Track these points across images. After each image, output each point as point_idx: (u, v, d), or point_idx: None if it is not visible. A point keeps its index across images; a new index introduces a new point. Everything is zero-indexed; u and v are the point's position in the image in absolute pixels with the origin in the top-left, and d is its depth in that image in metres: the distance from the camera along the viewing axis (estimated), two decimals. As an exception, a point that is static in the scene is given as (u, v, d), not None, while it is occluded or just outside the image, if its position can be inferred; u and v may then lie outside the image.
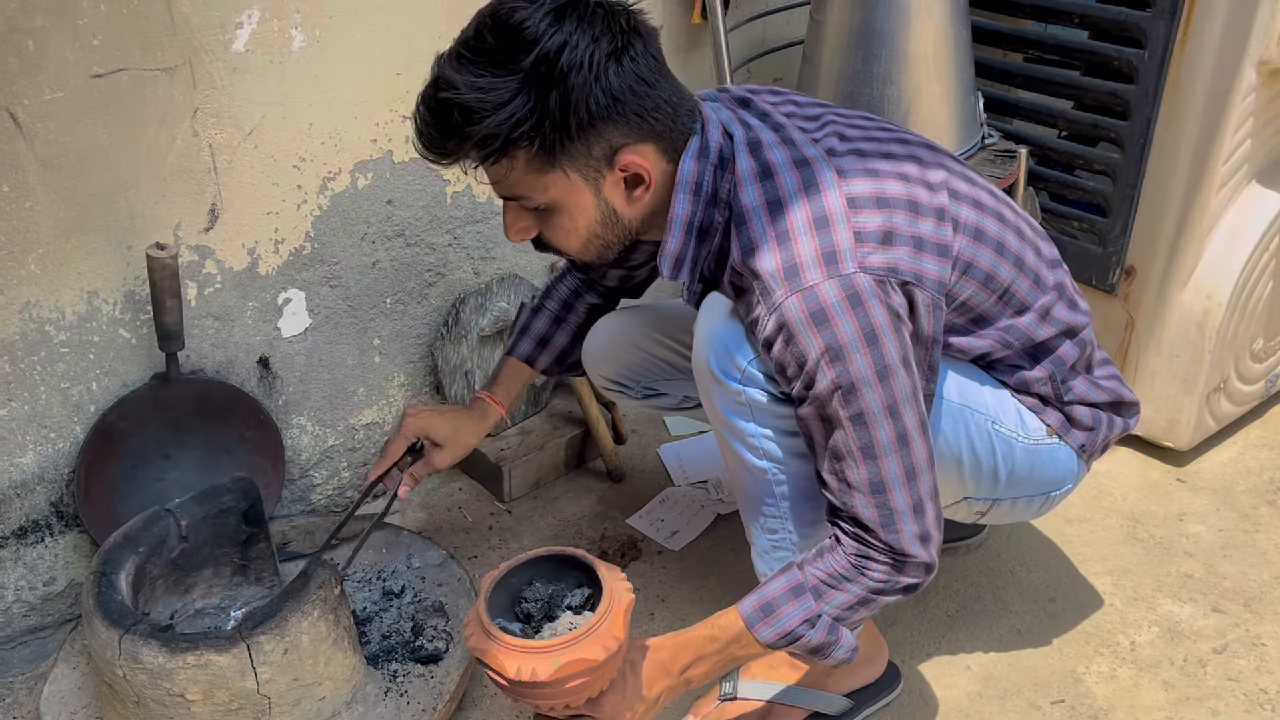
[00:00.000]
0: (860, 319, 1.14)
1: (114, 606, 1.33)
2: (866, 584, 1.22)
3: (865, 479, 1.19)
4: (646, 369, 1.65)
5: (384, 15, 1.64)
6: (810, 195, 1.19)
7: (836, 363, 1.15)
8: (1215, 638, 1.66)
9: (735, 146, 1.23)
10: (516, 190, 1.19)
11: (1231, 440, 2.12)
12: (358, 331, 1.81)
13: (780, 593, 1.23)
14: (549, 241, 1.26)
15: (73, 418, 1.56)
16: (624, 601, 1.20)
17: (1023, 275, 1.31)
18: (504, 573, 1.26)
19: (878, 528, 1.21)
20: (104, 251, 1.51)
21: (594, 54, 1.10)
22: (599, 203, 1.20)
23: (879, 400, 1.16)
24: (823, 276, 1.15)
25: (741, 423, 1.30)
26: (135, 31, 1.43)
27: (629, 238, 1.27)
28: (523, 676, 1.15)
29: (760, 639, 1.23)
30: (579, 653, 1.15)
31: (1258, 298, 1.94)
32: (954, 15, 1.74)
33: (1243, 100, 1.75)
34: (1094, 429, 1.42)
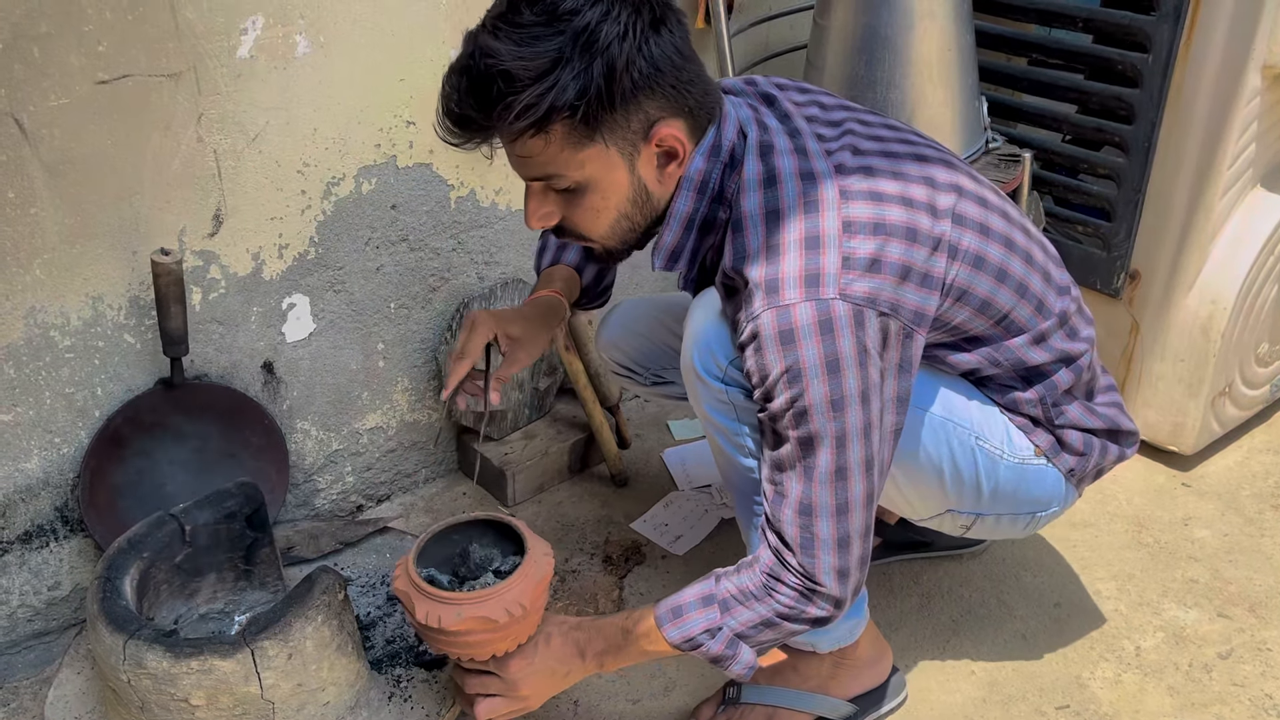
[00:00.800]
0: (826, 346, 1.14)
1: (118, 611, 1.33)
2: (773, 606, 1.24)
3: (798, 497, 1.20)
4: (655, 355, 1.66)
5: (388, 21, 1.64)
6: (808, 213, 1.19)
7: (794, 385, 1.16)
8: (1220, 643, 1.65)
9: (747, 148, 1.24)
10: (549, 168, 1.17)
11: (1237, 444, 2.12)
12: (362, 336, 1.82)
13: (692, 599, 1.27)
14: (573, 226, 1.24)
15: (77, 423, 1.56)
16: (541, 574, 1.29)
17: (1024, 302, 1.30)
18: (444, 527, 1.37)
19: (797, 548, 1.22)
20: (109, 257, 1.51)
21: (636, 23, 1.11)
22: (632, 180, 1.20)
23: (829, 429, 1.17)
24: (800, 298, 1.15)
25: (726, 421, 1.31)
26: (140, 37, 1.43)
27: (653, 219, 1.26)
28: (429, 622, 1.26)
29: (667, 638, 1.26)
30: (481, 610, 1.25)
31: (1263, 302, 1.94)
32: (957, 20, 1.74)
33: (1247, 104, 1.75)
34: (1085, 454, 1.41)
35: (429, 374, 1.93)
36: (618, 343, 1.68)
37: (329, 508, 1.89)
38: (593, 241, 1.27)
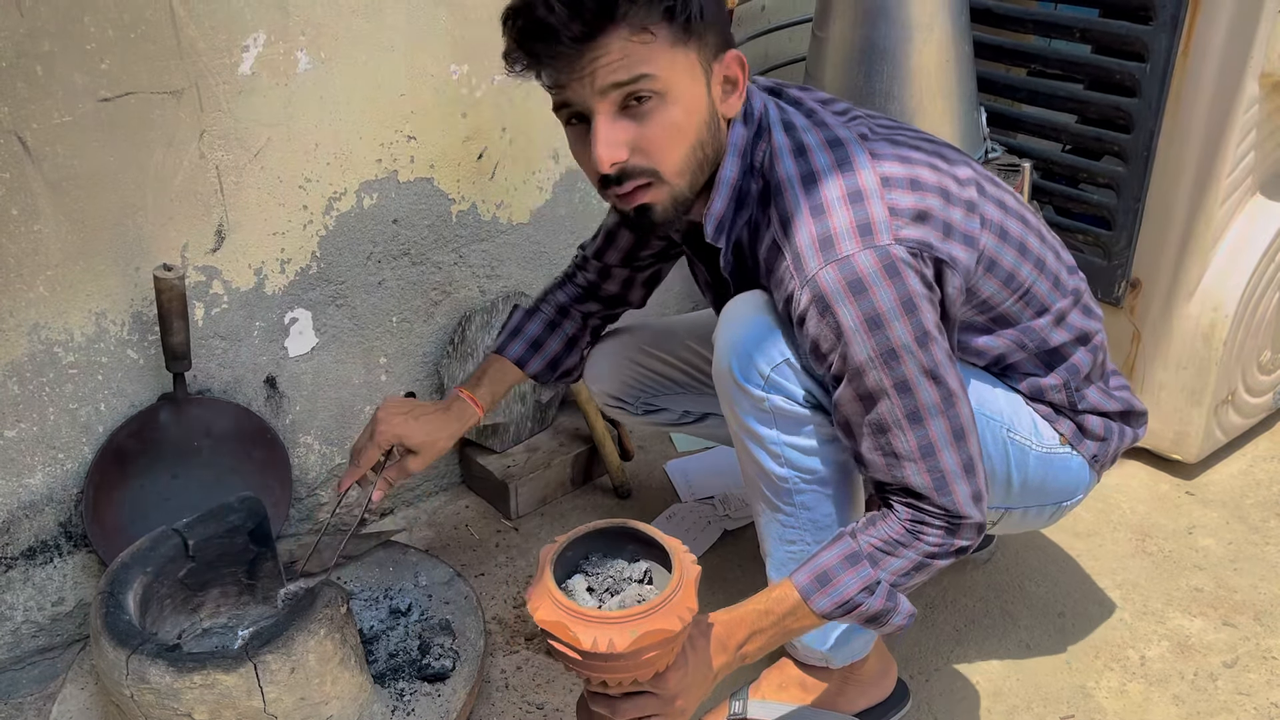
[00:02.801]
0: (898, 288, 1.15)
1: (121, 626, 1.33)
2: (922, 549, 1.22)
3: (914, 445, 1.19)
4: (645, 384, 1.65)
5: (388, 37, 1.65)
6: (844, 171, 1.20)
7: (876, 331, 1.16)
8: (1226, 652, 1.65)
9: (771, 121, 1.25)
10: (645, 67, 1.12)
11: (1241, 452, 2.11)
12: (364, 350, 1.82)
13: (835, 561, 1.22)
14: (647, 157, 1.17)
15: (81, 438, 1.57)
16: (693, 573, 1.17)
17: (1043, 277, 1.32)
18: (562, 547, 1.21)
19: (931, 493, 1.20)
20: (112, 273, 1.52)
21: None
22: (707, 100, 1.19)
23: (920, 365, 1.17)
24: (858, 247, 1.15)
25: (764, 429, 1.29)
26: (142, 55, 1.44)
27: (716, 159, 1.24)
28: (599, 648, 1.11)
29: (816, 609, 1.22)
30: (656, 623, 1.11)
31: (1264, 309, 1.94)
32: (955, 31, 1.74)
33: (1245, 113, 1.75)
34: (1106, 439, 1.43)
35: (431, 387, 1.93)
36: (604, 374, 1.67)
37: (333, 522, 1.89)
38: (662, 180, 1.19)
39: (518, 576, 1.82)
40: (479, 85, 1.78)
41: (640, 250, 1.55)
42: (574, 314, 1.62)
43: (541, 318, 1.60)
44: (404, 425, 1.49)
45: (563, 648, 1.14)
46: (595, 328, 1.65)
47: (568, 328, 1.61)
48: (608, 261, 1.57)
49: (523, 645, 1.68)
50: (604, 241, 1.57)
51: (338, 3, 1.58)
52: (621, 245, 1.56)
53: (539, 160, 1.92)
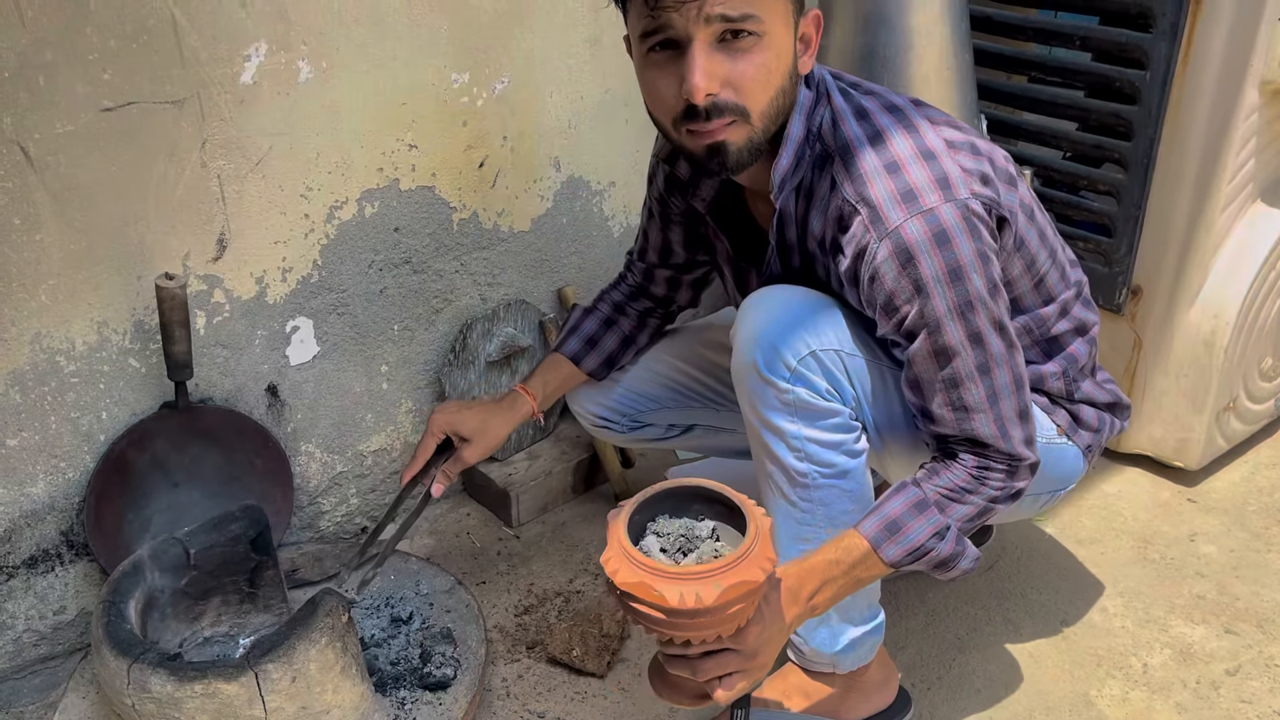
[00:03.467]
0: (976, 240, 1.20)
1: (122, 635, 1.33)
2: (987, 493, 1.27)
3: (983, 396, 1.24)
4: (629, 401, 1.66)
5: (390, 46, 1.66)
6: (910, 133, 1.24)
7: (956, 283, 1.19)
8: (1228, 659, 1.65)
9: (829, 87, 1.28)
10: (753, 6, 1.13)
11: (1243, 459, 2.11)
12: (365, 358, 1.82)
13: (904, 510, 1.25)
14: (739, 93, 1.18)
15: (83, 447, 1.57)
16: (766, 524, 1.14)
17: (1054, 267, 1.37)
18: (631, 510, 1.17)
19: (997, 440, 1.25)
20: (114, 282, 1.52)
21: None
22: (792, 51, 1.21)
23: (991, 316, 1.22)
24: (940, 200, 1.19)
25: (786, 423, 1.30)
26: (145, 65, 1.45)
27: (788, 111, 1.24)
28: (686, 604, 1.08)
29: (886, 558, 1.25)
30: (742, 574, 1.08)
31: (1265, 316, 1.94)
32: (955, 39, 1.75)
33: (1245, 120, 1.75)
34: (1099, 430, 1.47)
35: (432, 395, 1.94)
36: (588, 395, 1.67)
37: (333, 530, 1.90)
38: (745, 117, 1.19)
39: (519, 584, 1.82)
40: (480, 94, 1.79)
41: (669, 243, 1.57)
42: (630, 312, 1.64)
43: (598, 315, 1.63)
44: (456, 415, 1.54)
45: (646, 609, 1.11)
46: (655, 327, 1.67)
47: (624, 325, 1.63)
48: (649, 262, 1.61)
49: (524, 654, 1.67)
50: (642, 241, 1.61)
51: (339, 12, 1.59)
52: (655, 243, 1.59)
53: (540, 169, 1.93)
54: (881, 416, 1.35)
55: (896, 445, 1.37)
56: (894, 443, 1.37)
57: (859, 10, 1.73)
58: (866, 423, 1.35)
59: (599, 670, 1.62)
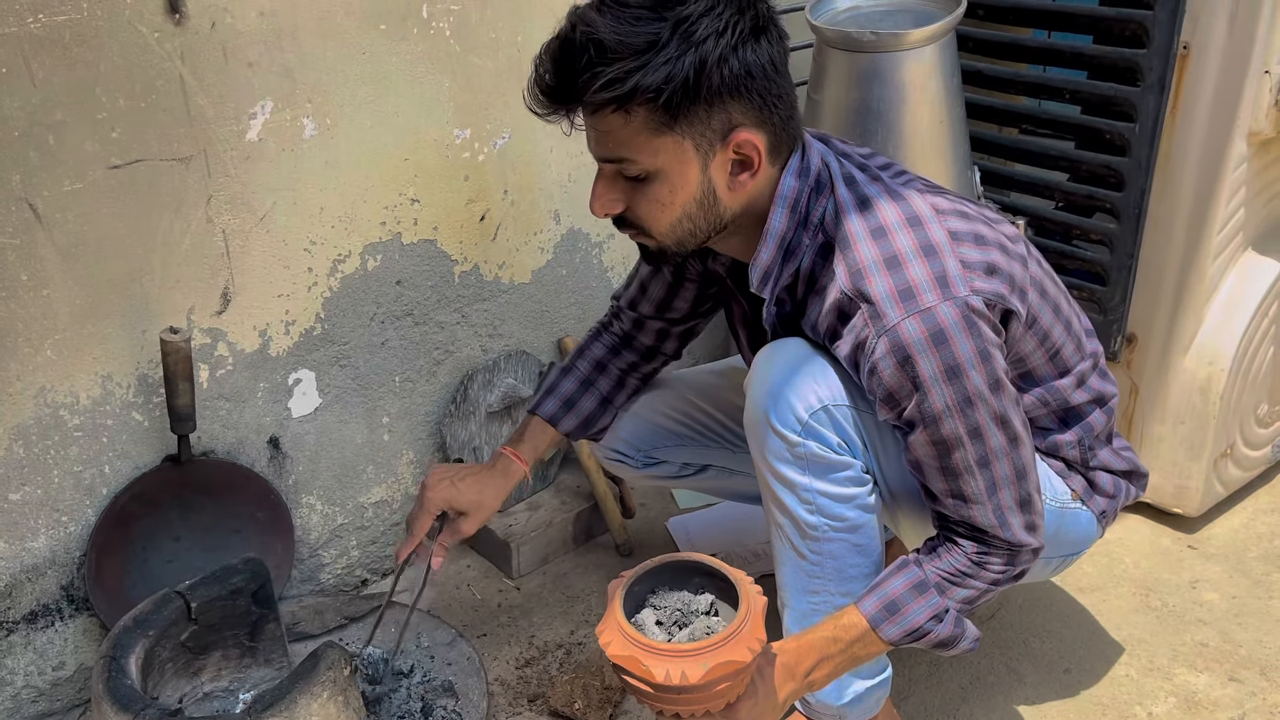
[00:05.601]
0: (975, 339, 1.19)
1: (123, 691, 1.33)
2: (988, 577, 1.27)
3: (982, 487, 1.24)
4: (645, 437, 1.66)
5: (393, 102, 1.69)
6: (913, 227, 1.23)
7: (954, 381, 1.19)
8: (1233, 707, 1.64)
9: (833, 175, 1.27)
10: (623, 150, 1.18)
11: (1241, 506, 2.11)
12: (367, 410, 1.83)
13: (903, 590, 1.26)
14: (637, 217, 1.24)
15: (84, 501, 1.57)
16: (760, 604, 1.19)
17: (1069, 339, 1.37)
18: (630, 581, 1.23)
19: (995, 529, 1.25)
20: (119, 336, 1.53)
21: (737, 25, 1.14)
22: (703, 180, 1.21)
23: (992, 411, 1.21)
24: (939, 299, 1.19)
25: (797, 476, 1.31)
26: (152, 124, 1.47)
27: (717, 228, 1.27)
28: (672, 681, 1.13)
29: (885, 637, 1.25)
30: (728, 654, 1.13)
31: (1260, 363, 1.95)
32: (948, 93, 1.78)
33: (1234, 171, 1.78)
34: (1114, 496, 1.47)
35: (434, 446, 1.94)
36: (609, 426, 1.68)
37: (334, 582, 1.89)
38: (651, 237, 1.27)
39: (520, 637, 1.81)
40: (482, 149, 1.82)
41: (673, 300, 1.57)
42: (611, 370, 1.63)
43: (576, 376, 1.62)
44: (451, 489, 1.51)
45: (635, 682, 1.16)
46: (634, 387, 1.65)
47: (602, 385, 1.62)
48: (642, 313, 1.60)
49: (525, 706, 1.66)
50: (638, 291, 1.59)
51: (344, 71, 1.62)
52: (654, 296, 1.58)
53: (541, 221, 1.95)
54: (893, 472, 1.35)
55: (908, 502, 1.37)
56: (905, 499, 1.37)
57: (854, 65, 1.76)
58: (878, 478, 1.35)
59: (601, 723, 1.61)
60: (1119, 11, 1.81)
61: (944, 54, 1.77)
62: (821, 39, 1.79)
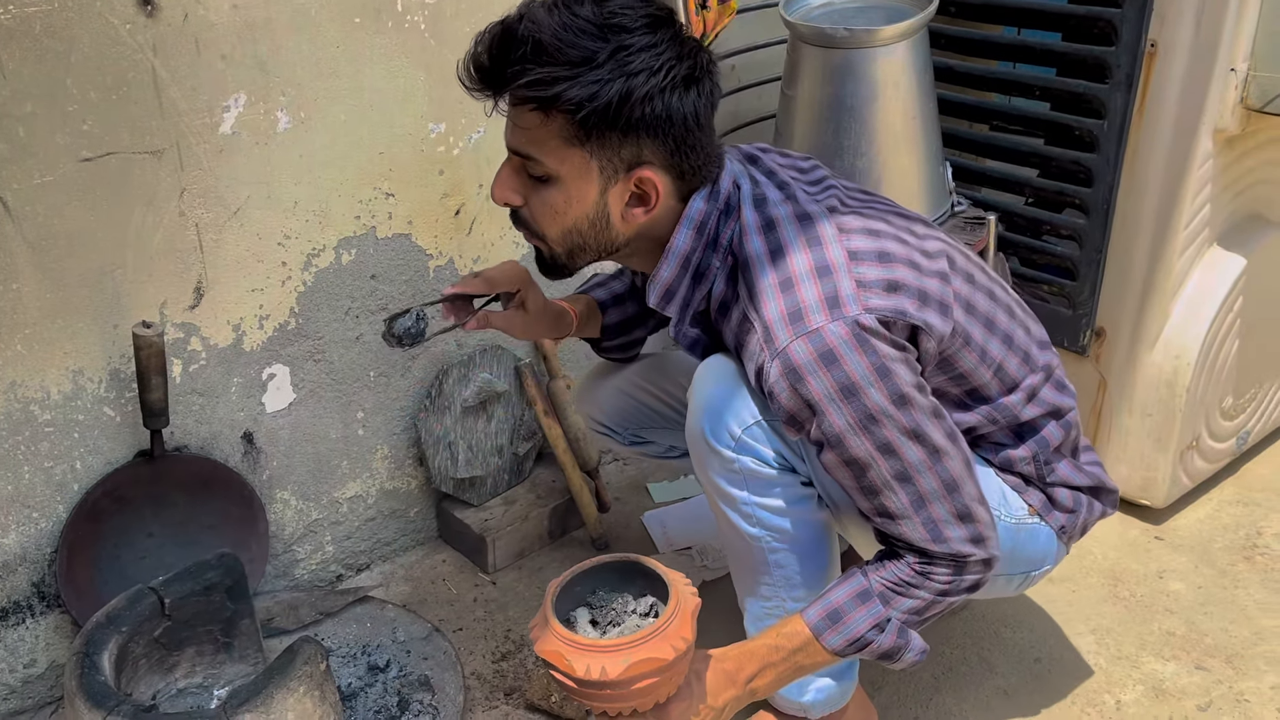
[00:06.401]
0: (869, 355, 1.18)
1: (96, 687, 1.32)
2: (934, 588, 1.25)
3: (906, 502, 1.22)
4: (634, 416, 1.67)
5: (367, 97, 1.68)
6: (812, 246, 1.23)
7: (851, 399, 1.18)
8: (1199, 695, 1.67)
9: (742, 197, 1.27)
10: (532, 149, 1.19)
11: (1207, 497, 2.15)
12: (341, 405, 1.83)
13: (846, 599, 1.25)
14: (531, 217, 1.25)
15: (56, 497, 1.56)
16: (691, 604, 1.20)
17: (1012, 353, 1.34)
18: (568, 579, 1.26)
19: (929, 544, 1.24)
20: (90, 331, 1.52)
21: (672, 70, 1.15)
22: (599, 202, 1.22)
23: (900, 426, 1.19)
24: (827, 319, 1.18)
25: (735, 490, 1.32)
26: (124, 116, 1.46)
27: (605, 252, 1.28)
28: (592, 675, 1.15)
29: (828, 646, 1.25)
30: (648, 651, 1.15)
31: (1225, 356, 1.99)
32: (920, 89, 1.80)
33: (1200, 167, 1.81)
34: (1074, 511, 1.43)
35: (409, 441, 1.94)
36: (596, 401, 1.69)
37: (308, 578, 1.89)
38: (543, 240, 1.27)
39: (496, 631, 1.81)
40: (456, 143, 1.82)
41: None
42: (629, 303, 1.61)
43: (624, 280, 1.60)
44: (533, 286, 1.48)
45: (560, 676, 1.18)
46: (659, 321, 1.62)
47: (629, 307, 1.60)
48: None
49: (502, 700, 1.67)
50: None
51: (318, 64, 1.61)
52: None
53: (515, 216, 1.95)
54: (832, 485, 1.33)
55: (850, 511, 1.35)
56: (848, 509, 1.35)
57: (827, 61, 1.78)
58: (820, 491, 1.35)
59: (577, 716, 1.62)
60: (1088, 9, 1.83)
61: (916, 50, 1.79)
62: (795, 35, 1.80)
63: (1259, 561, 1.96)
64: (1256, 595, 1.88)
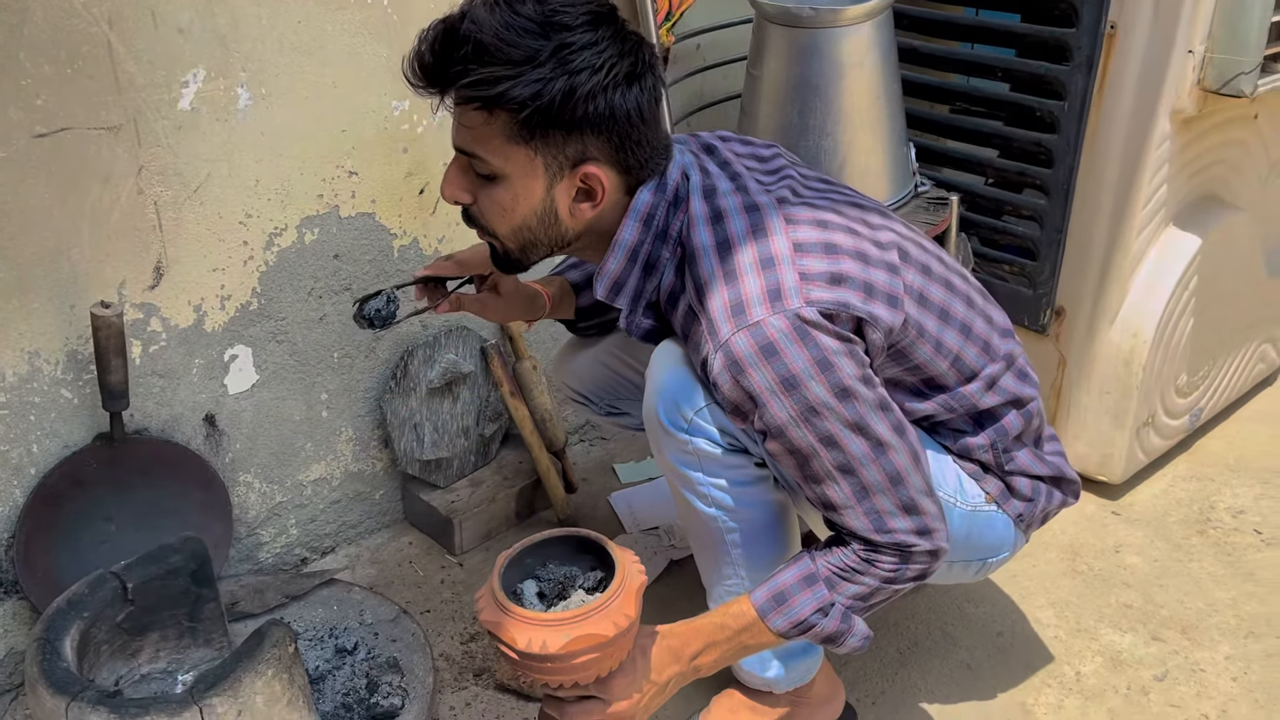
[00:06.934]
0: (810, 348, 1.18)
1: (59, 674, 1.29)
2: (879, 574, 1.25)
3: (849, 493, 1.22)
4: (610, 387, 1.67)
5: (329, 72, 1.66)
6: (758, 238, 1.22)
7: (792, 391, 1.18)
8: (1156, 665, 1.71)
9: (691, 188, 1.27)
10: (477, 147, 1.19)
11: (1161, 473, 2.19)
12: (305, 387, 1.80)
13: (793, 582, 1.25)
14: (480, 215, 1.26)
15: (12, 481, 1.53)
16: (636, 581, 1.21)
17: (970, 343, 1.34)
18: (518, 551, 1.26)
19: (872, 534, 1.24)
20: (46, 312, 1.49)
21: (614, 67, 1.15)
22: (546, 198, 1.22)
23: (842, 419, 1.19)
24: (768, 312, 1.18)
25: (690, 472, 1.32)
26: (79, 91, 1.42)
27: (558, 246, 1.29)
28: (533, 649, 1.16)
29: (772, 628, 1.25)
30: (589, 628, 1.16)
31: (1180, 335, 2.03)
32: (885, 69, 1.80)
33: (1158, 148, 1.84)
34: (1033, 500, 1.43)
35: (373, 423, 1.92)
36: (574, 370, 1.69)
37: (273, 561, 1.87)
38: (495, 237, 1.28)
39: (464, 613, 1.81)
40: (420, 120, 1.79)
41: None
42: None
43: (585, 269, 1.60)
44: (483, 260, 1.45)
45: (503, 647, 1.19)
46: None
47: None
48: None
49: (471, 681, 1.66)
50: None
51: (279, 39, 1.58)
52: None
53: (480, 195, 1.93)
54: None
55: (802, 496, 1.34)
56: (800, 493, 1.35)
57: (793, 41, 1.78)
58: (775, 472, 1.35)
59: (546, 695, 1.62)
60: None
61: (881, 30, 1.79)
62: (761, 14, 1.80)
63: (1212, 535, 2.01)
64: (1210, 568, 1.93)
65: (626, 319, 1.36)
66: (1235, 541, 1.99)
